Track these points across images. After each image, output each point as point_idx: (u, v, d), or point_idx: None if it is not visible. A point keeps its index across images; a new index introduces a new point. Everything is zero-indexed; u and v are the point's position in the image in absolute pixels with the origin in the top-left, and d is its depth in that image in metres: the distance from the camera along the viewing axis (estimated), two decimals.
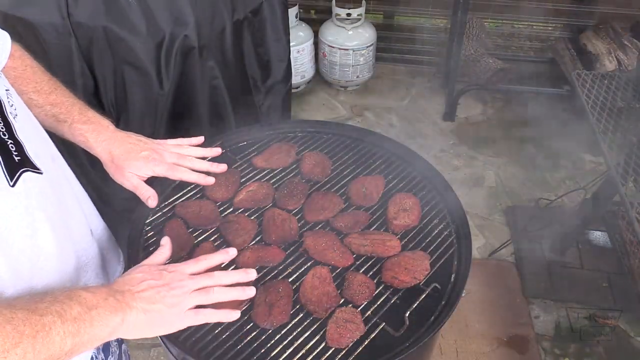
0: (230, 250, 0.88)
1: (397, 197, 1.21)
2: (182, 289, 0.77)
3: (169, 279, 0.78)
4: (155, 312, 0.74)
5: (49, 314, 0.61)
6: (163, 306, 0.75)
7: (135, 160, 0.99)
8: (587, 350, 1.93)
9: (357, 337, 0.94)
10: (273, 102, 1.98)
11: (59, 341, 0.61)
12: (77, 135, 0.95)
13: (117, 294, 0.71)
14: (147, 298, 0.74)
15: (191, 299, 0.78)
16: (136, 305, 0.72)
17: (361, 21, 3.07)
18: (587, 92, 1.73)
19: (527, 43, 3.41)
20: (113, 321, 0.68)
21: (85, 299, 0.66)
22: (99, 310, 0.67)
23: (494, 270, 2.21)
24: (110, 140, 0.98)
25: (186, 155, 1.08)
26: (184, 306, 0.77)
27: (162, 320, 0.76)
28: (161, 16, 1.47)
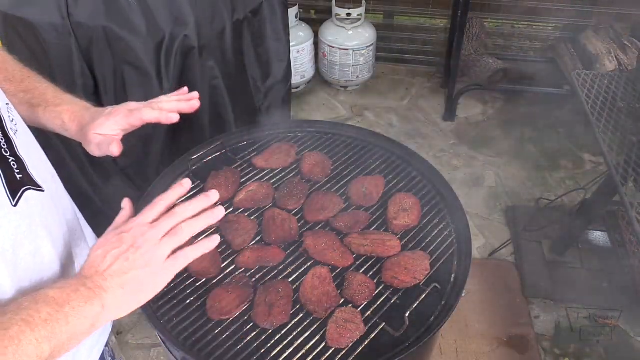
0: (185, 183, 0.77)
1: (397, 197, 1.21)
2: (148, 242, 0.69)
3: (130, 239, 0.69)
4: (131, 281, 0.67)
5: (15, 325, 0.57)
6: (137, 271, 0.67)
7: (98, 119, 0.90)
8: (587, 350, 1.93)
9: (357, 337, 0.94)
10: (273, 102, 1.98)
11: (34, 350, 0.57)
12: (53, 118, 0.90)
13: (86, 281, 0.65)
14: (117, 271, 0.67)
15: (163, 247, 0.70)
16: (109, 284, 0.66)
17: (361, 21, 3.07)
18: (587, 92, 1.73)
19: (527, 43, 3.40)
20: (91, 311, 0.63)
21: (53, 297, 0.61)
22: (72, 304, 0.62)
23: (494, 270, 2.21)
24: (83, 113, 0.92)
25: (153, 101, 0.97)
26: (158, 259, 0.69)
27: (143, 285, 0.69)
28: (161, 16, 1.47)
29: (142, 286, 0.69)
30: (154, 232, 0.70)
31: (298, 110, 3.06)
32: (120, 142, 0.92)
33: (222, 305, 0.98)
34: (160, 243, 0.70)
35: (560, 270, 2.17)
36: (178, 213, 0.72)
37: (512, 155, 2.80)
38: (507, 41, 3.43)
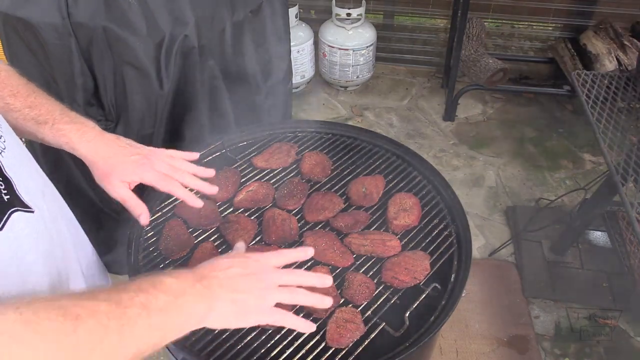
0: (309, 250, 0.82)
1: (397, 197, 1.21)
2: (269, 280, 0.72)
3: (256, 268, 0.72)
4: (242, 302, 0.69)
5: (134, 306, 0.57)
6: (250, 297, 0.70)
7: (123, 164, 0.91)
8: (587, 350, 1.93)
9: (357, 337, 0.94)
10: (273, 102, 1.97)
11: (145, 335, 0.57)
12: (60, 136, 0.88)
13: (203, 280, 0.66)
14: (235, 286, 0.69)
15: (277, 293, 0.73)
16: (224, 294, 0.67)
17: (361, 21, 3.07)
18: (587, 92, 1.73)
19: (527, 43, 3.41)
20: (201, 310, 0.65)
21: (171, 286, 0.62)
22: (186, 297, 0.63)
23: (494, 270, 2.21)
24: (97, 140, 0.91)
25: (178, 168, 0.98)
26: (270, 300, 0.72)
27: (248, 312, 0.70)
28: (161, 16, 1.47)
29: (246, 311, 0.70)
30: (275, 275, 0.73)
31: (298, 110, 3.06)
32: (147, 212, 0.95)
33: None
34: (277, 289, 0.73)
35: (560, 270, 2.17)
36: (298, 275, 0.77)
37: (512, 155, 2.80)
38: (507, 41, 3.43)
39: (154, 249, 1.11)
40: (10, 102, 0.86)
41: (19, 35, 1.48)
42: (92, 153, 0.90)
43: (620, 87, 1.77)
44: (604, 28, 2.84)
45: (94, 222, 1.95)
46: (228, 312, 0.68)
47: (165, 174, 0.95)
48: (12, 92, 0.87)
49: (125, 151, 0.93)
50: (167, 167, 0.96)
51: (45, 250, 0.71)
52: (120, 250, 2.04)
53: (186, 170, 0.99)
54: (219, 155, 1.36)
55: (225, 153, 1.35)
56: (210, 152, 1.35)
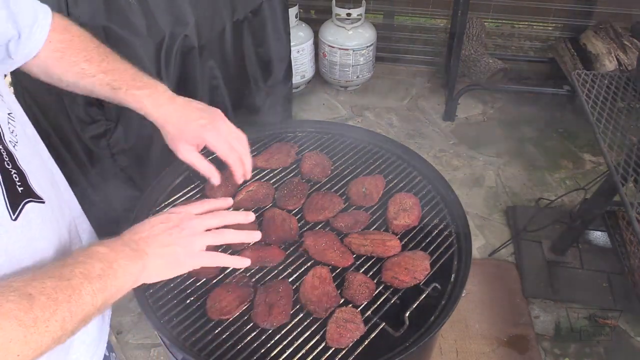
0: (228, 199, 0.89)
1: (397, 197, 1.21)
2: (192, 229, 0.78)
3: (177, 220, 0.78)
4: (170, 254, 0.75)
5: (75, 277, 0.62)
6: (177, 247, 0.76)
7: (190, 128, 0.97)
8: (587, 350, 1.93)
9: (357, 337, 0.94)
10: (273, 102, 1.98)
11: (90, 300, 0.63)
12: (134, 101, 0.93)
13: (131, 243, 0.73)
14: (161, 241, 0.75)
15: (203, 238, 0.79)
16: (152, 250, 0.73)
17: (361, 21, 3.07)
18: (587, 92, 1.73)
19: (527, 43, 3.41)
20: (135, 269, 0.70)
21: (104, 254, 0.68)
22: (119, 262, 0.68)
23: (494, 270, 2.21)
24: (167, 105, 0.96)
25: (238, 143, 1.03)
26: (197, 246, 0.78)
27: (178, 261, 0.77)
28: (161, 16, 1.47)
29: (176, 262, 0.77)
30: (199, 222, 0.80)
31: (298, 110, 3.06)
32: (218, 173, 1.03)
33: (222, 305, 0.98)
34: (203, 234, 0.79)
35: (560, 270, 2.17)
36: (221, 216, 0.83)
37: (512, 155, 2.80)
38: (507, 41, 3.43)
39: None
40: (85, 67, 0.90)
41: None
42: (162, 118, 0.95)
43: (620, 87, 1.77)
44: (604, 28, 2.84)
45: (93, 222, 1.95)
46: (160, 266, 0.75)
47: (227, 141, 1.01)
48: (86, 57, 0.90)
49: (193, 115, 0.98)
50: (231, 136, 1.01)
51: (55, 237, 0.74)
52: None
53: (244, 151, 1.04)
54: None
55: None
56: (211, 152, 1.35)
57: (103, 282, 0.65)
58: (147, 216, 1.18)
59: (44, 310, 0.57)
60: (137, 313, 2.03)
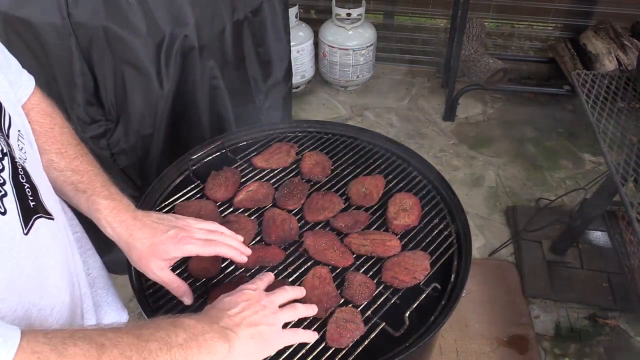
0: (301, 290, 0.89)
1: (397, 197, 1.21)
2: (272, 306, 0.77)
3: (256, 297, 0.77)
4: (259, 335, 0.72)
5: (154, 341, 0.59)
6: (265, 327, 0.74)
7: (162, 244, 0.87)
8: (587, 350, 1.93)
9: (357, 337, 0.94)
10: (273, 102, 1.98)
11: None
12: (94, 210, 0.86)
13: (220, 320, 0.70)
14: (249, 321, 0.72)
15: (284, 314, 0.78)
16: (242, 330, 0.70)
17: (361, 21, 3.07)
18: (587, 92, 1.73)
19: (527, 43, 3.41)
20: (222, 348, 0.66)
21: (189, 325, 0.65)
22: (205, 336, 0.65)
23: (494, 270, 2.21)
24: (129, 222, 0.87)
25: (214, 230, 0.94)
26: (280, 323, 0.77)
27: (266, 342, 0.74)
28: (161, 16, 1.47)
29: (264, 343, 0.73)
30: (275, 298, 0.79)
31: (298, 110, 3.06)
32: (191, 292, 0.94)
33: None
34: (282, 311, 0.78)
35: (560, 270, 2.17)
36: (289, 291, 0.83)
37: (512, 155, 2.80)
38: (507, 41, 3.43)
39: None
40: (55, 159, 0.85)
41: (19, 35, 1.48)
42: (126, 235, 0.87)
43: (620, 87, 1.77)
44: (604, 28, 2.84)
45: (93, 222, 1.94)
46: (249, 349, 0.71)
47: (206, 240, 0.91)
48: (60, 150, 0.85)
49: (160, 228, 0.88)
50: (204, 233, 0.92)
51: (61, 255, 0.72)
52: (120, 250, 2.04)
53: (219, 229, 0.96)
54: (219, 155, 1.36)
55: (225, 153, 1.35)
56: (210, 152, 1.35)
57: (184, 354, 0.61)
58: None
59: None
60: (137, 313, 2.03)
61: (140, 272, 1.06)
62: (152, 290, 1.02)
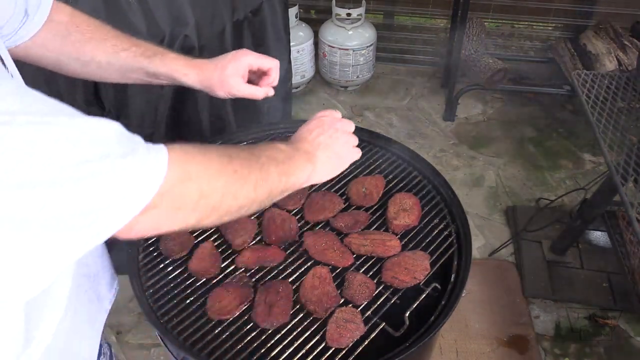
0: None
1: (397, 197, 1.21)
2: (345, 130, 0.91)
3: (330, 122, 0.90)
4: (334, 155, 0.87)
5: (264, 157, 0.73)
6: (338, 147, 0.88)
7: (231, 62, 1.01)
8: (587, 350, 1.93)
9: (357, 337, 0.94)
10: (273, 102, 1.98)
11: (276, 179, 0.73)
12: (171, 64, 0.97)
13: (300, 146, 0.84)
14: (324, 144, 0.86)
15: (354, 138, 0.92)
16: (319, 152, 0.85)
17: (361, 21, 3.07)
18: (587, 92, 1.73)
19: (527, 43, 3.40)
20: (308, 168, 0.81)
21: (284, 150, 0.79)
22: (296, 157, 0.80)
23: (494, 270, 2.21)
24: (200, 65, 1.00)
25: None
26: (351, 144, 0.91)
27: (341, 160, 0.90)
28: (161, 16, 1.47)
29: (339, 160, 0.89)
30: (346, 124, 0.92)
31: (298, 110, 3.06)
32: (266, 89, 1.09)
33: (222, 305, 0.98)
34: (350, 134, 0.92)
35: (560, 270, 2.16)
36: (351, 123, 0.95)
37: (512, 155, 2.80)
38: (507, 41, 3.43)
39: (154, 249, 1.11)
40: (116, 43, 0.94)
41: None
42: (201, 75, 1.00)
43: (620, 87, 1.77)
44: (604, 28, 2.84)
45: None
46: (328, 167, 0.87)
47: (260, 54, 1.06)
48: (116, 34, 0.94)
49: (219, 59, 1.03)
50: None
51: None
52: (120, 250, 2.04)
53: None
54: None
55: None
56: None
57: (287, 168, 0.76)
58: None
59: (242, 167, 0.67)
60: (137, 313, 2.03)
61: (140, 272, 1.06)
62: (152, 290, 1.03)
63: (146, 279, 1.05)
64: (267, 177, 0.71)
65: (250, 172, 0.68)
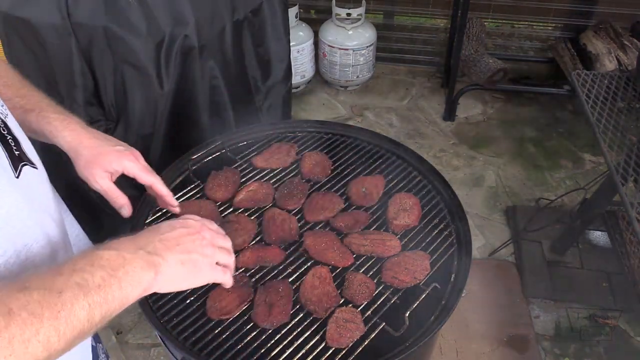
0: None
1: (397, 197, 1.21)
2: (212, 239, 0.75)
3: (198, 227, 0.74)
4: (190, 262, 0.70)
5: (69, 289, 0.55)
6: (199, 256, 0.71)
7: (107, 154, 0.89)
8: (587, 350, 1.93)
9: (357, 337, 0.94)
10: (273, 102, 1.98)
11: (85, 315, 0.56)
12: (45, 124, 0.87)
13: (148, 245, 0.66)
14: (183, 247, 0.69)
15: (220, 253, 0.76)
16: (172, 256, 0.67)
17: (361, 21, 3.07)
18: (587, 92, 1.73)
19: (527, 43, 3.40)
20: (145, 277, 0.63)
21: (109, 260, 0.60)
22: (126, 268, 0.61)
23: (494, 270, 2.21)
24: (80, 130, 0.90)
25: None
26: (215, 258, 0.74)
27: (197, 271, 0.71)
28: (161, 16, 1.47)
29: (195, 272, 0.71)
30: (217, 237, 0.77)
31: (298, 110, 3.06)
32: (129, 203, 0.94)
33: (222, 305, 0.98)
34: (218, 249, 0.76)
35: (560, 270, 2.16)
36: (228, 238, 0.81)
37: (512, 155, 2.80)
38: (507, 41, 3.43)
39: None
40: (2, 91, 0.87)
41: (19, 35, 1.48)
42: (75, 142, 0.89)
43: (620, 87, 1.77)
44: (604, 28, 2.84)
45: (94, 222, 1.95)
46: (178, 274, 0.68)
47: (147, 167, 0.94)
48: (6, 83, 0.89)
49: (108, 142, 0.92)
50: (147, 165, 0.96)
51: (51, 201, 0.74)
52: None
53: None
54: (219, 155, 1.36)
55: (225, 153, 1.36)
56: (210, 152, 1.35)
57: (103, 295, 0.58)
58: (147, 216, 1.18)
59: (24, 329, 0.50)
60: (137, 313, 2.03)
61: None
62: None
63: None
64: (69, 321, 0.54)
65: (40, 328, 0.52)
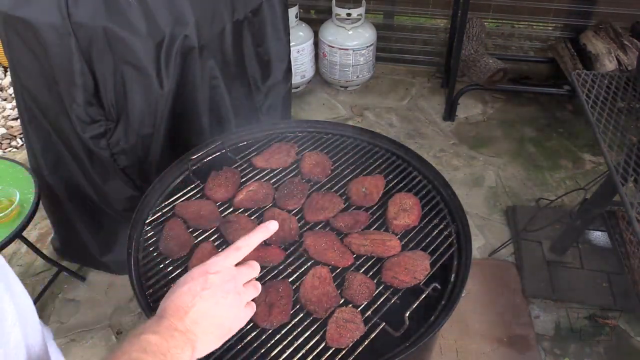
0: (271, 225, 0.80)
1: (397, 197, 1.21)
2: (235, 288, 0.72)
3: (219, 281, 0.71)
4: (220, 326, 0.71)
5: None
6: (225, 318, 0.71)
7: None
8: (587, 350, 1.93)
9: (357, 337, 0.94)
10: (273, 102, 1.98)
11: None
12: None
13: (178, 323, 0.67)
14: (209, 316, 0.69)
15: (246, 295, 0.74)
16: (201, 329, 0.68)
17: (361, 21, 3.07)
18: (587, 92, 1.73)
19: (527, 43, 3.41)
20: (187, 353, 0.66)
21: (156, 344, 0.63)
22: (172, 352, 0.64)
23: (494, 270, 2.21)
24: None
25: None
26: (242, 305, 0.73)
27: (229, 330, 0.72)
28: (161, 16, 1.47)
29: (227, 332, 0.72)
30: (240, 279, 0.74)
31: (298, 110, 3.06)
32: None
33: None
34: (245, 291, 0.74)
35: (560, 270, 2.16)
36: (255, 267, 0.77)
37: (512, 155, 2.80)
38: (507, 41, 3.43)
39: (154, 249, 1.11)
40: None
41: (19, 35, 1.48)
42: None
43: (620, 87, 1.77)
44: (604, 28, 2.84)
45: (94, 222, 1.95)
46: (211, 341, 0.70)
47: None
48: None
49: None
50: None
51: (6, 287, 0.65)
52: (120, 250, 2.04)
53: None
54: (219, 155, 1.36)
55: (225, 153, 1.36)
56: (210, 152, 1.35)
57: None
58: (147, 216, 1.18)
59: None
60: (137, 313, 2.03)
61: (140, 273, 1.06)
62: (152, 290, 1.02)
63: (146, 279, 1.05)
64: None
65: None
